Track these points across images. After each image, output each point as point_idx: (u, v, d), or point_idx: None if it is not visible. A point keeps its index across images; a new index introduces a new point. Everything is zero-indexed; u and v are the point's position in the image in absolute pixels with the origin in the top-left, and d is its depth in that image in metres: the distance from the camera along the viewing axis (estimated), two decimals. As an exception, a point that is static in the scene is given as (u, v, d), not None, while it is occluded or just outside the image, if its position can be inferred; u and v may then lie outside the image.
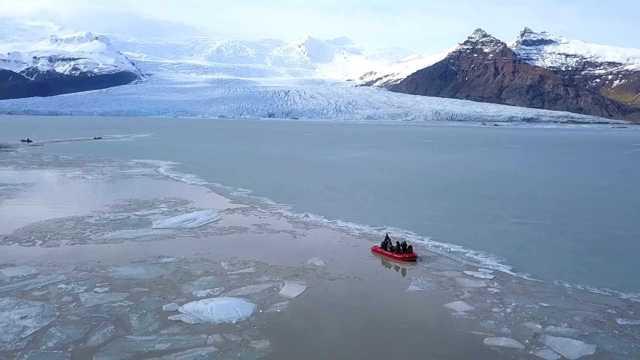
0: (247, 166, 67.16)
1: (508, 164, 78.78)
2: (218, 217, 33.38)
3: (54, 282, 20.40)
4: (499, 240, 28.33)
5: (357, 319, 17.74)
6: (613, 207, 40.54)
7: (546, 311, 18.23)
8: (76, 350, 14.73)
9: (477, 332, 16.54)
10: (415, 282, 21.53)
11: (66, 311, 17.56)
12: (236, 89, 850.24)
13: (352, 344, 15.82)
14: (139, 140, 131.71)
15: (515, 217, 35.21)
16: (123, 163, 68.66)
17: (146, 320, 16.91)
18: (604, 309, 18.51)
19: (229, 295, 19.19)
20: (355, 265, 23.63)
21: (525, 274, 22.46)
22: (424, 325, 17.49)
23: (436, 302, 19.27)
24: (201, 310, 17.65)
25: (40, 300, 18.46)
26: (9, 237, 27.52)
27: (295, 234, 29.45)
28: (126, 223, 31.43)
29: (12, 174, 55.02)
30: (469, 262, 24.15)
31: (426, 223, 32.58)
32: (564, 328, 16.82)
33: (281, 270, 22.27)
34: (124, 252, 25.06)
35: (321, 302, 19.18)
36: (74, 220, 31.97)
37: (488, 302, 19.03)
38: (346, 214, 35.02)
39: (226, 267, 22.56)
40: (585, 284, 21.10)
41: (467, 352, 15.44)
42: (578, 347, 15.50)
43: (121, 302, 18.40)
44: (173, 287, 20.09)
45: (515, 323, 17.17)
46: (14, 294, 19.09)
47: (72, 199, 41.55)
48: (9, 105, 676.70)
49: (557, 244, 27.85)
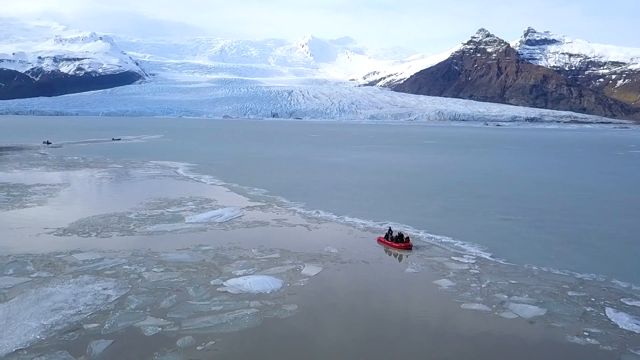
0: (259, 167, 72.04)
1: (503, 165, 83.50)
2: (241, 214, 38.27)
3: (119, 264, 25.28)
4: (484, 233, 33.09)
5: (363, 292, 22.61)
6: (592, 205, 45.27)
7: (513, 286, 23.04)
8: (153, 311, 19.61)
9: (456, 300, 21.39)
10: (410, 265, 26.38)
11: (135, 285, 22.44)
12: (240, 88, 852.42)
13: (359, 309, 20.68)
14: (151, 141, 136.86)
15: (502, 214, 39.97)
16: (142, 164, 73.64)
17: (200, 291, 21.79)
18: (560, 285, 23.30)
19: (261, 273, 24.06)
20: (362, 252, 28.51)
21: (502, 259, 27.26)
22: (416, 295, 22.37)
23: (426, 280, 24.11)
24: (241, 284, 22.53)
25: (113, 277, 23.34)
26: (67, 230, 32.45)
27: (310, 227, 34.38)
28: (162, 218, 36.34)
29: (47, 175, 59.95)
30: (456, 250, 28.98)
31: (422, 219, 37.38)
32: (525, 298, 21.64)
33: (301, 256, 27.15)
34: (168, 241, 29.97)
35: (335, 279, 24.06)
36: (116, 216, 36.86)
37: (468, 280, 23.86)
38: (352, 210, 39.88)
39: (256, 253, 27.47)
40: (550, 267, 25.89)
41: (448, 313, 20.29)
42: (533, 310, 20.33)
43: (177, 279, 23.27)
44: (215, 268, 24.97)
45: (487, 294, 22.00)
46: (91, 272, 23.98)
47: (108, 198, 46.52)
48: (16, 105, 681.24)
49: (533, 237, 32.64)
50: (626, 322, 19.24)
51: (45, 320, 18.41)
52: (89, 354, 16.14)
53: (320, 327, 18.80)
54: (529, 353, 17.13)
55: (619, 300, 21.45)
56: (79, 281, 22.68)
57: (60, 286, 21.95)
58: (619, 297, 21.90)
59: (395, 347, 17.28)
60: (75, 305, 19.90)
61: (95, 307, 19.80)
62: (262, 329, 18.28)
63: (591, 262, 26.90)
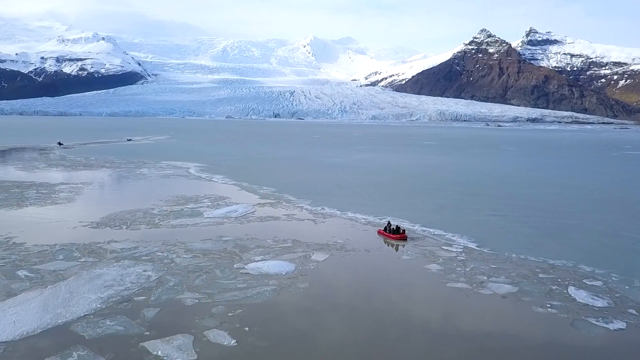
0: (266, 167, 75.98)
1: (498, 166, 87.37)
2: (254, 210, 42.18)
3: (152, 252, 29.17)
4: (473, 227, 36.90)
5: (364, 274, 26.51)
6: (574, 202, 49.05)
7: (493, 270, 26.89)
8: (189, 287, 23.48)
9: (443, 280, 25.27)
10: (406, 253, 30.26)
11: (170, 268, 26.32)
12: (242, 89, 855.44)
13: (361, 287, 24.57)
14: (159, 142, 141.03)
15: (491, 210, 43.80)
16: (155, 164, 77.62)
17: (225, 272, 25.67)
18: (533, 269, 27.15)
19: (277, 259, 27.94)
20: (364, 242, 32.42)
21: (486, 248, 31.10)
22: (409, 277, 26.28)
23: (418, 265, 27.98)
24: (260, 267, 26.41)
25: (149, 262, 27.23)
26: (100, 223, 36.37)
27: (317, 221, 38.31)
28: (183, 214, 40.26)
29: (68, 175, 63.95)
30: (447, 241, 32.84)
31: (418, 214, 41.22)
32: (502, 279, 25.49)
33: (310, 245, 31.06)
34: (192, 233, 33.87)
35: (340, 263, 27.98)
36: (141, 211, 40.75)
37: (454, 265, 27.72)
38: (354, 207, 43.77)
39: (270, 243, 31.37)
40: (527, 255, 29.72)
41: (434, 290, 24.17)
42: (507, 288, 24.19)
43: (204, 263, 27.15)
44: (236, 254, 28.87)
45: (469, 276, 25.86)
46: (130, 258, 27.88)
47: (130, 195, 50.44)
48: (20, 106, 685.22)
49: (517, 230, 36.49)
50: (583, 297, 23.07)
51: (102, 294, 22.32)
52: (142, 318, 20.03)
53: (327, 300, 22.68)
54: (498, 318, 21.01)
55: (581, 281, 25.27)
56: (121, 265, 26.59)
57: (107, 268, 25.85)
58: (582, 278, 25.72)
59: (389, 313, 21.17)
60: (123, 283, 23.80)
61: (140, 285, 23.70)
62: (279, 302, 22.16)
63: (563, 251, 30.72)
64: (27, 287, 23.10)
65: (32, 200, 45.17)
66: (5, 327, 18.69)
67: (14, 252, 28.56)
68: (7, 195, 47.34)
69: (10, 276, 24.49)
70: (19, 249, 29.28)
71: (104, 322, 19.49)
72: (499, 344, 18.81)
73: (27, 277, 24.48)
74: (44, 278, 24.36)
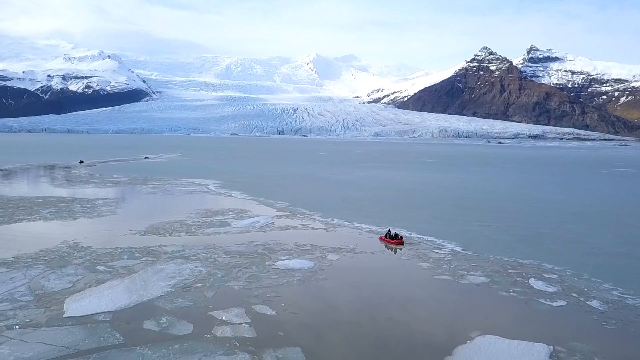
0: (278, 184, 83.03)
1: (491, 182, 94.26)
2: (273, 221, 49.09)
3: (197, 253, 36.02)
4: (460, 235, 43.68)
5: (370, 269, 33.35)
6: (553, 215, 55.75)
7: (472, 267, 33.68)
8: (234, 278, 30.31)
9: (431, 273, 32.09)
10: (403, 255, 37.11)
11: (215, 265, 33.15)
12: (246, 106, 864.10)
13: (367, 278, 31.41)
14: (172, 160, 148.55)
15: (478, 221, 50.59)
16: (176, 181, 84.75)
17: (260, 268, 32.50)
18: (505, 266, 33.92)
19: (299, 258, 34.80)
20: (369, 246, 39.29)
21: (469, 251, 37.87)
22: (404, 271, 33.11)
23: (412, 263, 34.81)
24: (287, 264, 33.26)
25: (197, 261, 34.08)
26: (146, 232, 43.29)
27: (328, 230, 45.24)
28: (213, 224, 47.18)
29: (101, 191, 71.02)
30: (437, 246, 39.65)
31: (415, 224, 48.04)
32: (478, 273, 32.28)
33: (325, 249, 37.93)
34: (225, 239, 40.75)
35: (350, 262, 34.83)
36: (177, 222, 47.68)
37: (441, 263, 34.53)
38: (360, 218, 50.65)
39: (292, 247, 38.28)
40: (502, 256, 36.49)
41: (424, 280, 30.99)
42: (481, 279, 30.96)
43: (242, 261, 33.99)
44: (266, 255, 35.73)
45: (453, 271, 32.65)
46: (181, 257, 34.75)
47: (164, 209, 57.26)
48: (27, 123, 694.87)
49: (497, 237, 43.28)
50: (540, 285, 29.82)
51: (168, 282, 29.17)
52: (204, 297, 26.83)
53: (341, 286, 29.48)
54: (471, 298, 27.76)
55: (542, 275, 32.00)
56: (175, 262, 33.46)
57: (165, 265, 32.73)
58: (543, 273, 32.45)
59: (388, 294, 27.97)
60: (182, 275, 30.66)
61: (195, 276, 30.55)
62: (304, 288, 28.96)
63: (532, 253, 37.48)
64: (109, 277, 29.97)
65: (80, 213, 52.16)
66: (108, 302, 25.55)
67: (87, 253, 35.47)
68: (57, 209, 54.35)
69: (93, 270, 31.38)
70: (89, 251, 36.18)
71: (177, 300, 26.33)
72: (468, 316, 25.54)
73: (106, 270, 31.37)
74: (119, 271, 31.21)
